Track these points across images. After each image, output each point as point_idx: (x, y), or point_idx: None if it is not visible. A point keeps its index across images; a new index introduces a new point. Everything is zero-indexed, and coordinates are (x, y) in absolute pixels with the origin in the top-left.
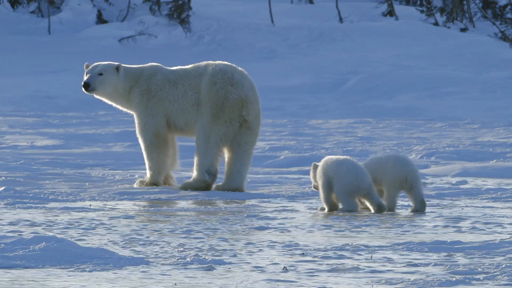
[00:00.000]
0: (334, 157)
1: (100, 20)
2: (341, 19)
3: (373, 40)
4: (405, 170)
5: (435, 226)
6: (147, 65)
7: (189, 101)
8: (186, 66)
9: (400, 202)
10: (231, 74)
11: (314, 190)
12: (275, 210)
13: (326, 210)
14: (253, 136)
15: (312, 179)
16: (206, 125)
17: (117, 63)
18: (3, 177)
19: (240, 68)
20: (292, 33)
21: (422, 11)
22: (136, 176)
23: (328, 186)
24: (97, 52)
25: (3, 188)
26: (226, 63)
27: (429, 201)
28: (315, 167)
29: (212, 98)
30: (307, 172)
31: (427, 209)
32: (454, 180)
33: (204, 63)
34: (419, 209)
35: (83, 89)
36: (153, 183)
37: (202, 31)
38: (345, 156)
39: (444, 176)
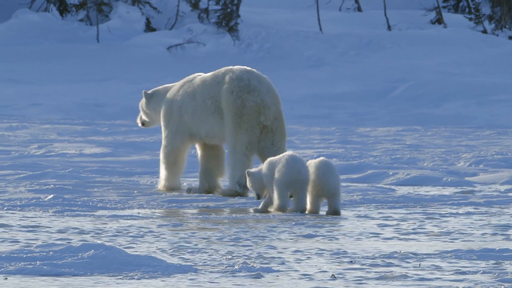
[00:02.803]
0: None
1: (149, 28)
2: (389, 27)
3: (421, 48)
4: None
5: (483, 234)
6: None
7: (208, 110)
8: (206, 74)
9: (448, 210)
10: (247, 80)
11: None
12: (323, 218)
13: (260, 208)
14: (278, 136)
15: (250, 187)
16: (231, 136)
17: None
18: (52, 185)
19: (257, 72)
20: (341, 40)
21: (470, 19)
22: (185, 184)
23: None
24: (146, 60)
25: (52, 196)
26: (245, 68)
27: (478, 209)
28: (249, 174)
29: (231, 107)
30: (355, 180)
31: (476, 217)
32: (502, 188)
33: (223, 69)
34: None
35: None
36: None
37: (250, 39)
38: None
39: (492, 184)
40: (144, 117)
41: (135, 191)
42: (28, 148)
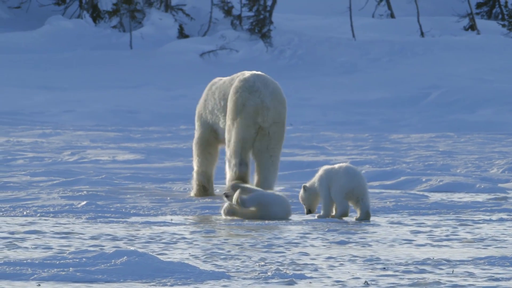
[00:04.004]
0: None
1: (182, 34)
2: (422, 33)
3: (454, 54)
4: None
5: None
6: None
7: (221, 110)
8: (228, 77)
9: (481, 216)
10: (252, 82)
11: None
12: (356, 224)
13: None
14: (274, 142)
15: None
16: (227, 131)
17: None
18: (85, 192)
19: (266, 76)
20: (373, 47)
21: (503, 26)
22: (218, 190)
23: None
24: (178, 67)
25: (85, 202)
26: (255, 72)
27: (511, 215)
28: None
29: (231, 105)
30: (388, 187)
31: (509, 224)
32: None
33: (240, 73)
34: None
35: None
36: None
37: (283, 46)
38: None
39: None
40: None
41: (168, 198)
42: (61, 154)
